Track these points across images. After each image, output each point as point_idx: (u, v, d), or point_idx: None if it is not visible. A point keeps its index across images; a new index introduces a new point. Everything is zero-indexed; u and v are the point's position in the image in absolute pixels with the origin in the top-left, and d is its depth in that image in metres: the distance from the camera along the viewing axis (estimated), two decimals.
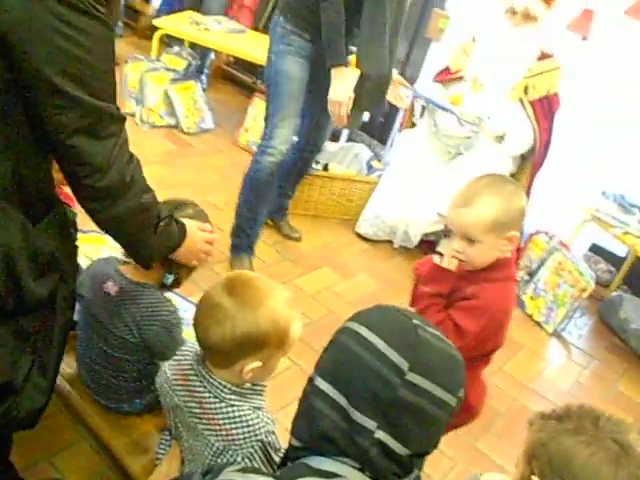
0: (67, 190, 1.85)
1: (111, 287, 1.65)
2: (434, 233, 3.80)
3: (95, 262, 1.79)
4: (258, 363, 1.32)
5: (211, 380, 1.36)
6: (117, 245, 1.50)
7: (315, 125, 3.17)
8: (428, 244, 3.86)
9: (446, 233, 3.54)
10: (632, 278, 3.88)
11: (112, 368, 1.68)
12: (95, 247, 2.15)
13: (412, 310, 1.09)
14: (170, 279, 1.69)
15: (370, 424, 0.96)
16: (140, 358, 1.68)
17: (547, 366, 3.28)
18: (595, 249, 4.17)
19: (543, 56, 3.55)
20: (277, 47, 2.72)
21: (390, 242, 3.92)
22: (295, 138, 2.96)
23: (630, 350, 3.54)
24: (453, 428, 1.84)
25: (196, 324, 1.35)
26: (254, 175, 2.96)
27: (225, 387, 1.35)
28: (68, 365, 1.78)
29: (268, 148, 2.89)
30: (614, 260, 4.07)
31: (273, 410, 2.35)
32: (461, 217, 1.59)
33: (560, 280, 3.47)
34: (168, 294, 1.84)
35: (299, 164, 3.40)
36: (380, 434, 0.96)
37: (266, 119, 2.91)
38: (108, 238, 2.19)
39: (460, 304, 1.66)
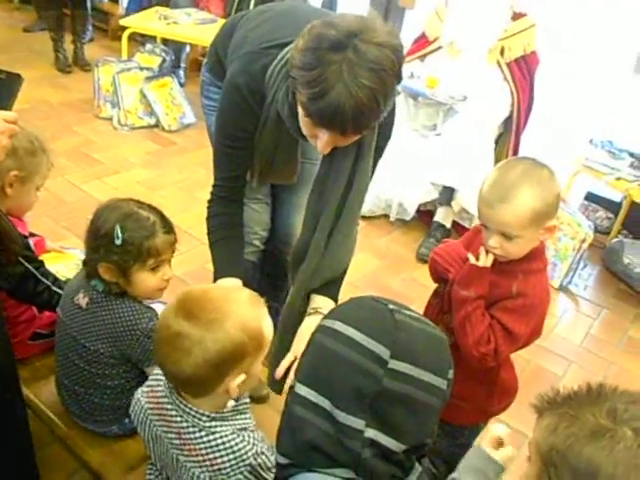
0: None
1: (82, 299, 1.59)
2: (430, 202, 3.73)
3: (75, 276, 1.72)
4: (242, 377, 1.21)
5: (187, 409, 1.24)
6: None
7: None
8: (425, 214, 3.80)
9: (440, 202, 3.49)
10: (630, 222, 3.83)
11: (93, 387, 1.61)
12: (67, 266, 2.07)
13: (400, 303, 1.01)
14: None
15: (358, 423, 0.91)
16: (120, 371, 1.60)
17: (557, 322, 3.21)
18: (591, 197, 4.12)
19: (516, 16, 3.49)
20: (202, 99, 2.07)
21: (386, 216, 3.84)
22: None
23: (637, 294, 3.48)
24: (498, 413, 1.77)
25: (162, 360, 1.21)
26: None
27: (203, 415, 1.24)
28: (51, 392, 1.73)
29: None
30: (611, 206, 4.01)
31: (277, 406, 2.30)
32: (498, 215, 1.42)
33: (560, 234, 3.39)
34: (150, 303, 1.75)
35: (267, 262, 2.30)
36: (370, 432, 0.91)
37: None
38: (75, 253, 2.12)
39: (507, 305, 1.51)
